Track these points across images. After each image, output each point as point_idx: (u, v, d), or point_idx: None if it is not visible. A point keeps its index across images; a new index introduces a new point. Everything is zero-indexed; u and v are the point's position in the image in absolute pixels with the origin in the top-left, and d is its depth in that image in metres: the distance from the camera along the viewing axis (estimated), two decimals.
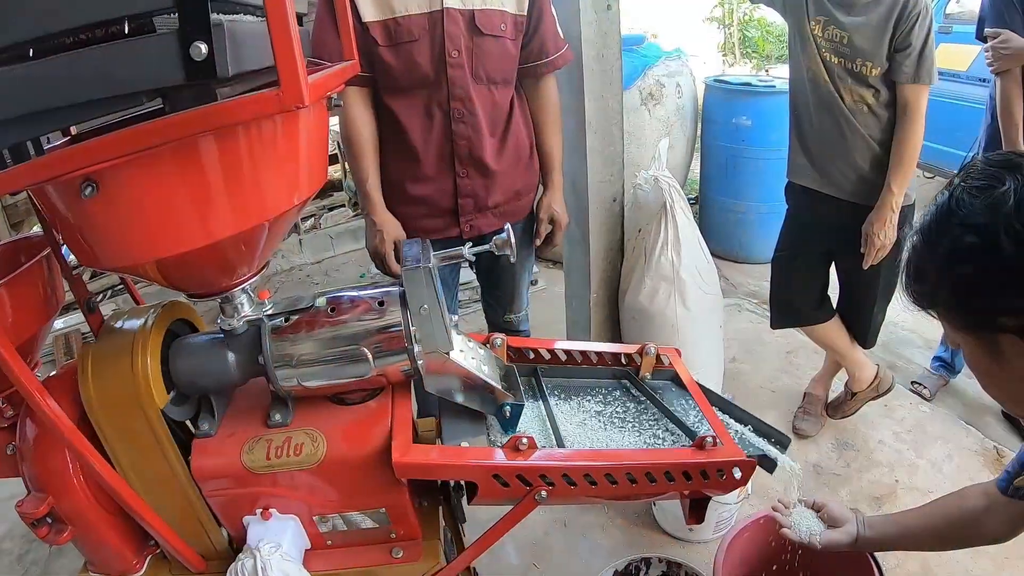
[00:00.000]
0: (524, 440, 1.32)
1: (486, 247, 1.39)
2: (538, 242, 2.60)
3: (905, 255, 1.17)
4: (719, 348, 3.16)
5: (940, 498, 1.71)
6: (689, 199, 5.80)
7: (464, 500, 1.53)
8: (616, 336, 3.13)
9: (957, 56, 5.52)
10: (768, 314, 3.30)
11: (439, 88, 2.25)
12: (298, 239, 5.79)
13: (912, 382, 3.76)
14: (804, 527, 1.84)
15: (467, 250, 1.38)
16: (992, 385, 1.19)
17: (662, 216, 2.74)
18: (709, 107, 5.07)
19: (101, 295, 5.02)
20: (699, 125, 5.21)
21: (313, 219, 6.10)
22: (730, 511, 2.66)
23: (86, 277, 4.75)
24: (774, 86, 4.73)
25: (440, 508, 1.67)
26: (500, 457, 1.33)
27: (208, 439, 1.40)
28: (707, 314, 2.91)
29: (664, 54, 5.03)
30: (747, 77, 5.47)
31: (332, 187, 6.30)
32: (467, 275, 3.02)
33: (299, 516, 1.44)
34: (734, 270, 5.17)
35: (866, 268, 2.76)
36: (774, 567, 2.40)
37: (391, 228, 2.37)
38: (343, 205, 6.25)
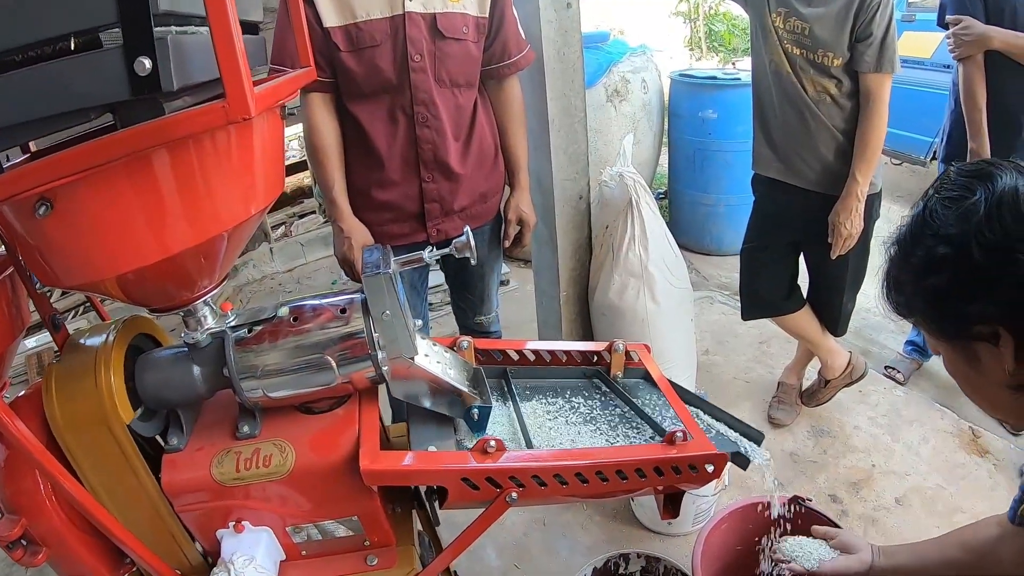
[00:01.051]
0: (492, 442, 1.31)
1: (446, 250, 1.39)
2: (507, 243, 2.60)
3: (883, 266, 1.20)
4: (691, 341, 3.17)
5: (956, 529, 1.69)
6: (658, 194, 5.85)
7: (437, 504, 1.52)
8: (587, 334, 3.14)
9: (921, 44, 5.58)
10: (739, 305, 3.32)
11: (402, 92, 2.24)
12: (269, 248, 5.76)
13: (885, 367, 3.79)
14: (803, 558, 1.81)
15: (427, 254, 1.37)
16: (972, 391, 1.21)
17: (628, 212, 2.75)
18: (675, 102, 5.09)
19: (72, 312, 4.97)
20: (666, 120, 5.23)
21: (284, 227, 6.07)
22: (708, 503, 2.68)
23: (57, 294, 4.71)
24: (739, 79, 4.75)
25: (414, 513, 1.66)
26: (468, 460, 1.32)
27: (177, 453, 1.38)
28: (677, 308, 2.91)
29: (629, 50, 5.04)
30: (712, 71, 5.50)
31: (302, 194, 6.27)
32: (438, 278, 3.01)
33: (272, 527, 1.43)
34: (705, 263, 5.19)
35: (834, 257, 2.78)
36: (749, 550, 2.41)
37: (359, 234, 2.35)
38: (313, 212, 6.22)
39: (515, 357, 1.74)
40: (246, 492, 1.37)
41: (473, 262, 1.42)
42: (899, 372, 3.73)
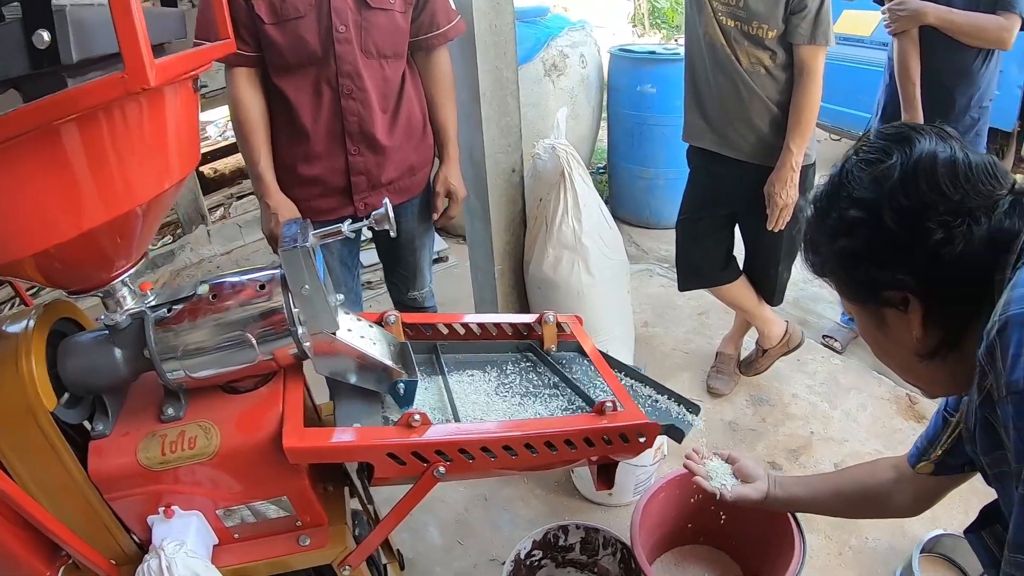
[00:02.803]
0: (416, 416, 1.31)
1: (363, 223, 1.37)
2: (436, 216, 2.59)
3: (804, 226, 1.20)
4: (628, 313, 3.18)
5: (854, 466, 1.74)
6: (598, 169, 5.86)
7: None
8: (523, 308, 3.14)
9: (861, 22, 5.66)
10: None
11: (327, 64, 2.21)
12: (206, 230, 5.67)
13: (823, 336, 3.84)
14: (717, 479, 1.89)
15: (346, 227, 1.35)
16: (882, 355, 1.22)
17: (561, 184, 2.74)
18: (614, 76, 5.08)
19: (9, 304, 4.84)
20: (605, 95, 5.23)
21: (222, 209, 5.97)
22: (647, 473, 2.70)
23: None
24: (678, 53, 4.73)
25: (347, 492, 1.65)
26: (393, 436, 1.32)
27: (103, 440, 1.36)
28: (613, 280, 2.92)
29: (568, 25, 5.02)
30: (652, 46, 5.50)
31: (241, 175, 6.18)
32: (375, 257, 2.98)
33: (203, 511, 1.41)
34: (645, 236, 5.22)
35: (770, 228, 2.80)
36: (689, 525, 2.45)
37: (285, 210, 2.32)
38: (252, 193, 6.12)
39: (445, 331, 1.73)
40: (175, 476, 1.35)
41: (392, 234, 1.41)
42: (836, 341, 3.78)
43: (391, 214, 1.35)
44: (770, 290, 3.19)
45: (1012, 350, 0.87)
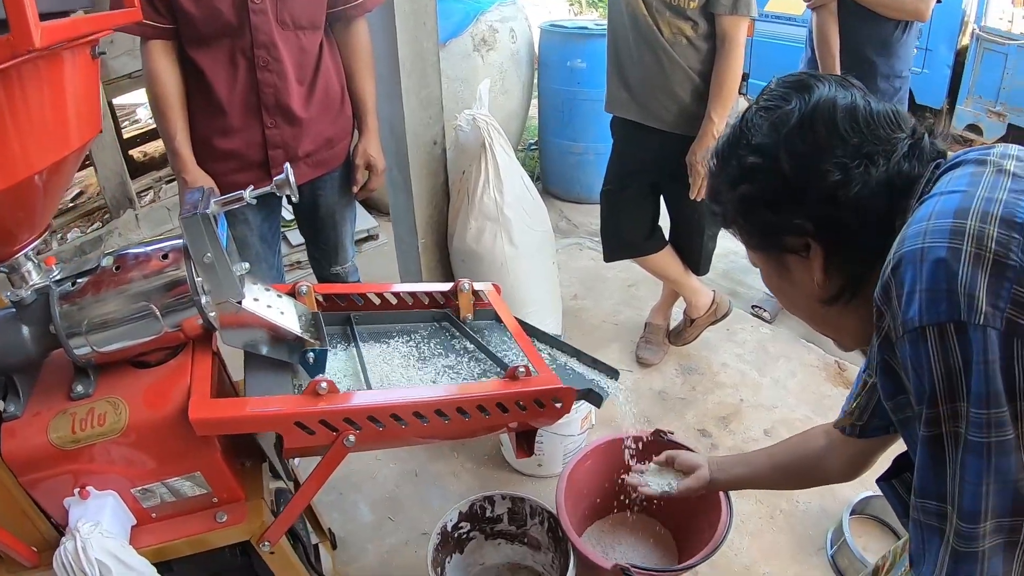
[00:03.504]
0: (323, 384, 1.29)
1: (266, 189, 1.35)
2: (356, 189, 2.56)
3: (707, 179, 1.20)
4: (554, 284, 3.19)
5: (788, 438, 1.74)
6: (530, 144, 5.85)
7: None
8: (448, 281, 3.10)
9: (793, 1, 5.78)
10: None
11: (242, 35, 2.16)
12: (134, 215, 5.55)
13: (752, 306, 3.90)
14: (657, 484, 1.89)
15: (247, 193, 1.33)
16: (788, 303, 1.22)
17: (482, 155, 2.72)
18: (545, 52, 5.08)
19: None
20: (535, 70, 5.22)
21: (151, 192, 5.86)
22: (576, 442, 2.71)
23: None
24: None
25: (265, 467, 1.63)
26: (299, 404, 1.30)
27: (15, 421, 1.32)
28: (536, 251, 2.91)
29: (498, 0, 4.99)
30: (583, 21, 5.50)
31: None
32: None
33: (118, 490, 1.38)
34: (575, 210, 5.24)
35: (693, 197, 2.82)
36: (620, 494, 2.45)
37: (203, 185, 2.27)
38: None
39: (360, 302, 1.71)
40: (88, 455, 1.32)
41: (294, 199, 1.39)
42: (766, 311, 3.83)
43: (292, 179, 1.33)
44: (696, 259, 3.22)
45: (907, 287, 0.87)
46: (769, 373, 3.46)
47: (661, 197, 3.14)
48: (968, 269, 0.83)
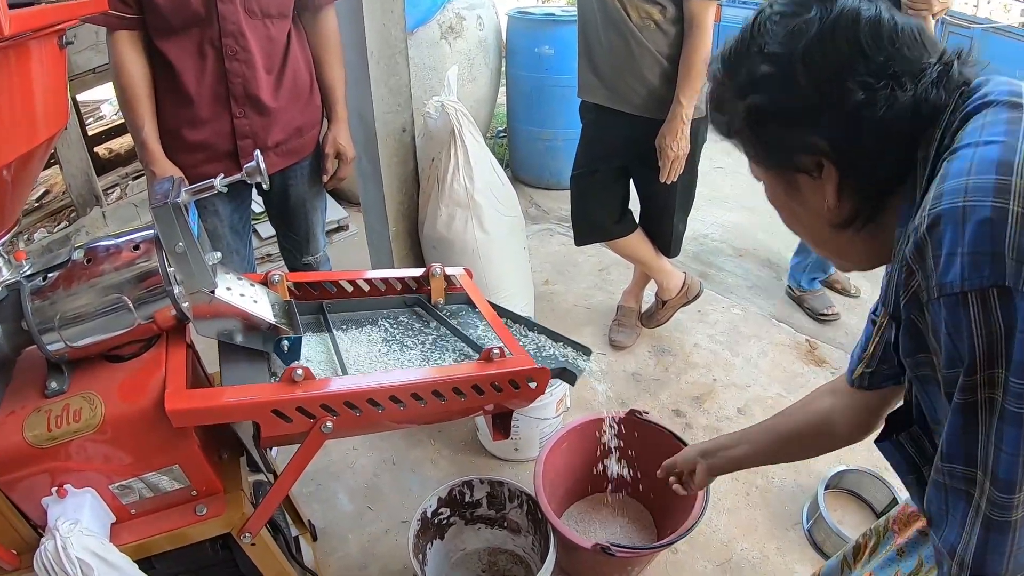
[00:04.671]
0: (299, 371, 1.29)
1: (236, 176, 1.34)
2: (326, 178, 2.55)
3: (710, 85, 1.11)
4: (526, 270, 3.19)
5: (786, 409, 1.66)
6: (499, 132, 5.85)
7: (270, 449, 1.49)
8: (421, 268, 3.09)
9: None
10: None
11: (210, 25, 2.15)
12: (101, 212, 5.50)
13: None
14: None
15: (218, 181, 1.32)
16: (794, 223, 1.15)
17: (451, 142, 2.72)
18: (512, 39, 5.07)
19: None
20: (503, 58, 5.22)
21: (118, 189, 5.80)
22: (552, 426, 2.72)
23: None
24: (575, 15, 4.75)
25: (243, 460, 1.62)
26: (275, 392, 1.29)
27: None
28: (507, 236, 2.91)
29: None
30: (550, 8, 5.50)
31: (136, 153, 6.00)
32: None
33: (97, 488, 1.37)
34: (545, 197, 5.26)
35: (663, 181, 2.83)
36: (595, 473, 2.48)
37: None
38: None
39: (332, 290, 1.71)
40: (65, 452, 1.31)
41: (265, 186, 1.38)
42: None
43: (262, 166, 1.32)
44: (666, 242, 3.23)
45: (946, 248, 0.82)
46: (741, 353, 3.49)
47: (631, 181, 3.15)
48: (1016, 231, 0.78)
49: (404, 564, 2.10)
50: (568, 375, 1.61)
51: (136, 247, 1.30)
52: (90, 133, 5.48)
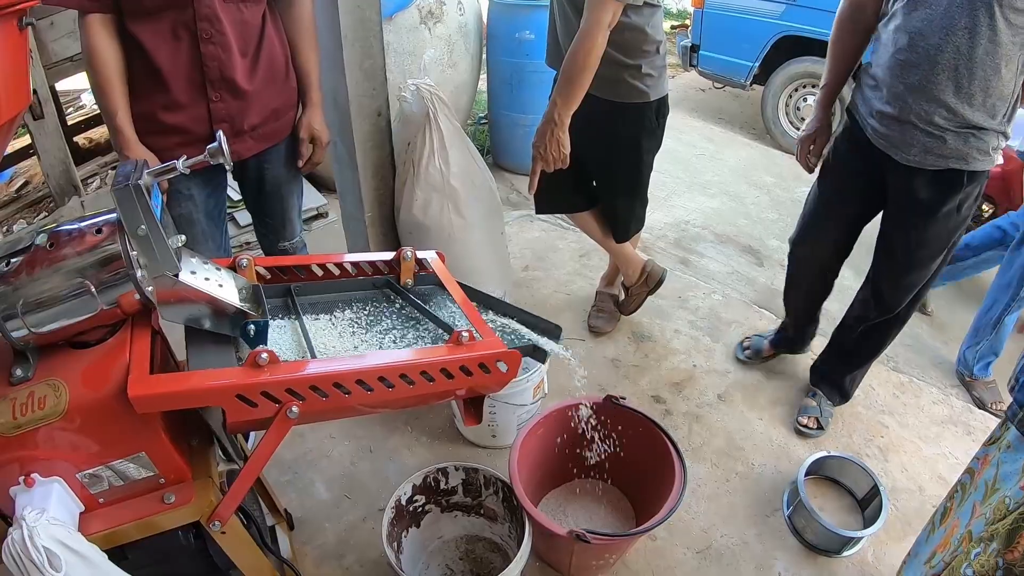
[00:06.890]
0: (264, 355, 1.27)
1: (200, 157, 1.32)
2: (301, 163, 2.53)
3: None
4: (503, 254, 3.18)
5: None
6: (479, 118, 5.82)
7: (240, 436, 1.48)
8: None
9: None
10: (559, 223, 3.33)
11: (184, 8, 2.11)
12: (80, 202, 5.46)
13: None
14: None
15: (181, 163, 1.30)
16: None
17: (427, 126, 2.70)
18: (493, 24, 5.03)
19: None
20: (484, 43, 5.19)
21: (98, 179, 5.76)
22: (529, 412, 2.71)
23: None
24: None
25: (215, 447, 1.61)
26: (240, 376, 1.28)
27: None
28: (484, 221, 2.89)
29: None
30: None
31: None
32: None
33: (64, 476, 1.35)
34: (525, 183, 5.15)
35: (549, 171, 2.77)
36: (573, 460, 2.47)
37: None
38: None
39: (301, 274, 1.69)
40: (32, 441, 1.30)
41: (228, 168, 1.37)
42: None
43: (225, 147, 1.31)
44: (613, 226, 3.21)
45: None
46: (722, 339, 3.50)
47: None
48: None
49: (381, 552, 2.09)
50: (539, 353, 1.61)
51: (99, 230, 1.29)
52: (70, 123, 5.42)
